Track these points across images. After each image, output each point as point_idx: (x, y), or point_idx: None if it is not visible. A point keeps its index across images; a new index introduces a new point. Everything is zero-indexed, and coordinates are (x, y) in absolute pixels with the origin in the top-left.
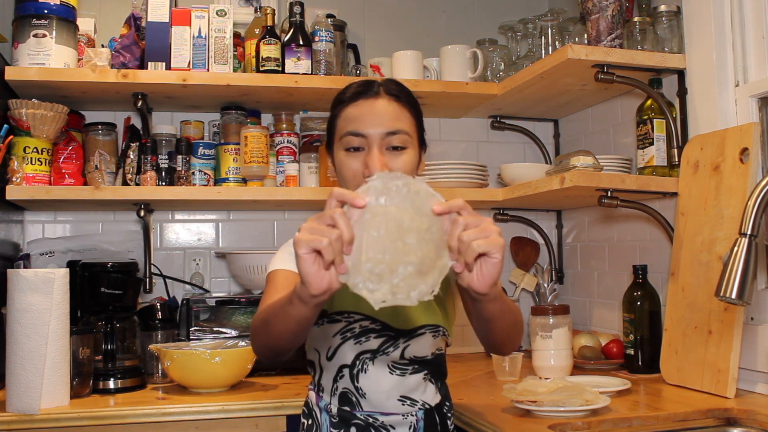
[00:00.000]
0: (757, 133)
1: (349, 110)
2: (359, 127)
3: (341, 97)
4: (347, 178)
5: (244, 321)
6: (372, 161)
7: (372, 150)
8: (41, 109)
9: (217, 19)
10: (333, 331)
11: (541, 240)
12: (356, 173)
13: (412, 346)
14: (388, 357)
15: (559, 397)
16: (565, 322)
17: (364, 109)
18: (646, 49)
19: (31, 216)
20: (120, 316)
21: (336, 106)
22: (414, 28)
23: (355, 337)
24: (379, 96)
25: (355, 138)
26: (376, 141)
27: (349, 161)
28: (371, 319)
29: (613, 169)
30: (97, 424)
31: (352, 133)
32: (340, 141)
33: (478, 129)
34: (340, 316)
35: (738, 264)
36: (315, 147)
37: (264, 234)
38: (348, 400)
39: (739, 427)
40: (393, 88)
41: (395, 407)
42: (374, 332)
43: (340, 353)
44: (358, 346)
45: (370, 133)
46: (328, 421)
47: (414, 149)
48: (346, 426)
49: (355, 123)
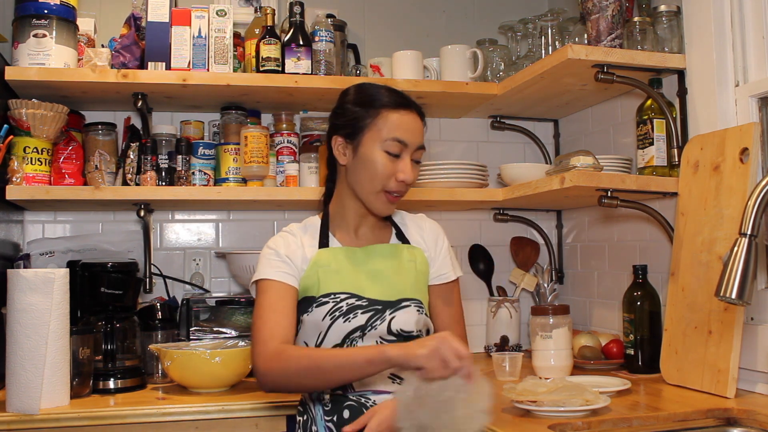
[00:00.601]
0: (757, 133)
1: (393, 116)
2: (405, 137)
3: (381, 99)
4: (377, 175)
5: (244, 321)
6: (406, 169)
7: (406, 159)
8: (41, 109)
9: (217, 19)
10: (321, 315)
11: (541, 240)
12: (389, 175)
13: (397, 317)
14: (376, 331)
15: (559, 397)
16: (565, 322)
17: (407, 120)
18: (646, 49)
19: (31, 216)
20: (120, 316)
21: (373, 104)
22: (414, 28)
23: (343, 315)
24: (414, 111)
25: (398, 145)
26: (411, 152)
27: (387, 162)
28: (357, 296)
29: (613, 169)
30: (97, 424)
31: (399, 140)
32: (384, 142)
33: (478, 129)
34: (327, 298)
35: (738, 264)
36: (315, 147)
37: (264, 234)
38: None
39: (739, 427)
40: (421, 111)
41: (386, 385)
42: (361, 308)
43: (330, 336)
44: (347, 325)
45: (411, 144)
46: (321, 411)
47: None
48: (339, 411)
49: (402, 131)
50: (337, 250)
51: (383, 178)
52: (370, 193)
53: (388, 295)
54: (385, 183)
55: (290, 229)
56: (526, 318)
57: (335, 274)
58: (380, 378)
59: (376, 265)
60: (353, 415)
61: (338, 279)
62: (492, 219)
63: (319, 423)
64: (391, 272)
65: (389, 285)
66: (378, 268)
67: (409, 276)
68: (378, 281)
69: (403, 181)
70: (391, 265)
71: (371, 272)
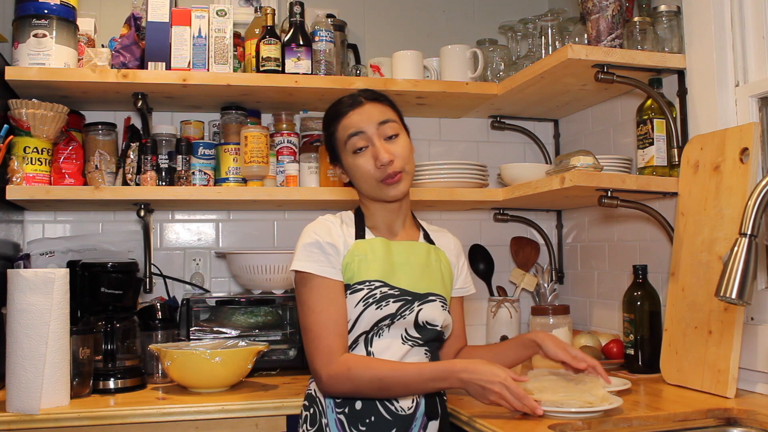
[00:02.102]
0: (757, 133)
1: (344, 121)
2: (358, 127)
3: (333, 115)
4: (363, 176)
5: (244, 321)
6: (378, 151)
7: (374, 143)
8: (41, 109)
9: (217, 19)
10: (355, 301)
11: (541, 240)
12: (369, 168)
13: (425, 310)
14: (404, 321)
15: (559, 397)
16: (565, 322)
17: (356, 114)
18: (646, 49)
19: (31, 216)
20: (120, 316)
21: (330, 124)
22: (414, 28)
23: (376, 303)
24: (363, 103)
25: (357, 138)
26: (374, 133)
27: (359, 161)
28: (389, 285)
29: (613, 169)
30: (97, 424)
31: (353, 134)
32: (346, 147)
33: (478, 129)
34: (361, 285)
35: (738, 264)
36: (315, 147)
37: (264, 234)
38: None
39: (739, 427)
40: (371, 94)
41: None
42: (393, 297)
43: (360, 323)
44: (378, 312)
45: (367, 128)
46: (333, 403)
47: (405, 135)
48: (351, 403)
49: (353, 127)
50: (373, 241)
51: (370, 174)
52: (373, 191)
53: (417, 288)
54: (375, 176)
55: (327, 217)
56: (526, 318)
57: (371, 263)
58: None
59: (408, 258)
60: (365, 406)
61: (373, 268)
62: (492, 219)
63: (329, 416)
64: (420, 266)
65: (418, 278)
66: (409, 260)
67: (435, 273)
68: (408, 273)
69: (384, 165)
70: (420, 261)
71: (403, 264)
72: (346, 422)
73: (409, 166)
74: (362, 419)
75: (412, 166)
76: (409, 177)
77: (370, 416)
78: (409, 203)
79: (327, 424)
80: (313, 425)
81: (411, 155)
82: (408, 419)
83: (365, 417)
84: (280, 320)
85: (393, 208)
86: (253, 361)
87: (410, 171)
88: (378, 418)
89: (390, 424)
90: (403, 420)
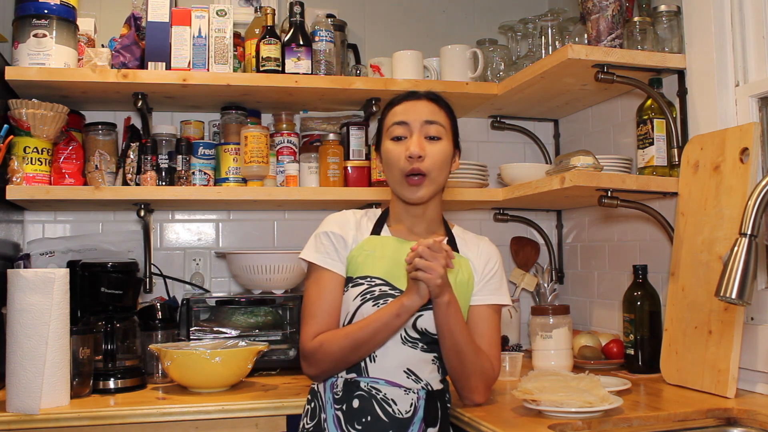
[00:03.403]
0: (757, 133)
1: (396, 109)
2: (404, 117)
3: (389, 103)
4: (391, 164)
5: (244, 321)
6: (412, 143)
7: (414, 137)
8: (41, 109)
9: (217, 19)
10: (353, 295)
11: (541, 240)
12: (399, 157)
13: (425, 316)
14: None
15: (558, 397)
16: (565, 322)
17: (408, 105)
18: (646, 49)
19: (31, 216)
20: (120, 316)
21: (384, 110)
22: (414, 28)
23: (374, 299)
24: (421, 98)
25: (399, 127)
26: (417, 128)
27: (393, 148)
28: (391, 285)
29: (613, 169)
30: (97, 424)
31: (396, 122)
32: (387, 132)
33: (478, 129)
34: (363, 280)
35: (738, 264)
36: (315, 147)
37: (264, 234)
38: (356, 366)
39: (739, 427)
40: (432, 95)
41: (400, 379)
42: (392, 297)
43: (358, 317)
44: (374, 309)
45: (411, 120)
46: (332, 399)
47: (449, 143)
48: (349, 400)
49: (401, 115)
50: (386, 239)
51: (397, 163)
52: (396, 185)
53: None
54: (402, 167)
55: (350, 210)
56: (526, 318)
57: (377, 260)
58: (395, 371)
59: None
60: (363, 405)
61: (378, 265)
62: (492, 219)
63: (328, 411)
64: None
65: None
66: None
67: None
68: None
69: (411, 156)
70: None
71: None
72: (343, 419)
73: (438, 175)
74: (358, 418)
75: (442, 177)
76: (433, 185)
77: (366, 416)
78: (437, 211)
79: (326, 420)
80: (313, 419)
81: (445, 166)
82: (405, 423)
83: (362, 416)
84: (280, 320)
85: (416, 212)
86: (253, 361)
87: (436, 179)
88: (374, 418)
89: (386, 425)
90: (400, 423)
